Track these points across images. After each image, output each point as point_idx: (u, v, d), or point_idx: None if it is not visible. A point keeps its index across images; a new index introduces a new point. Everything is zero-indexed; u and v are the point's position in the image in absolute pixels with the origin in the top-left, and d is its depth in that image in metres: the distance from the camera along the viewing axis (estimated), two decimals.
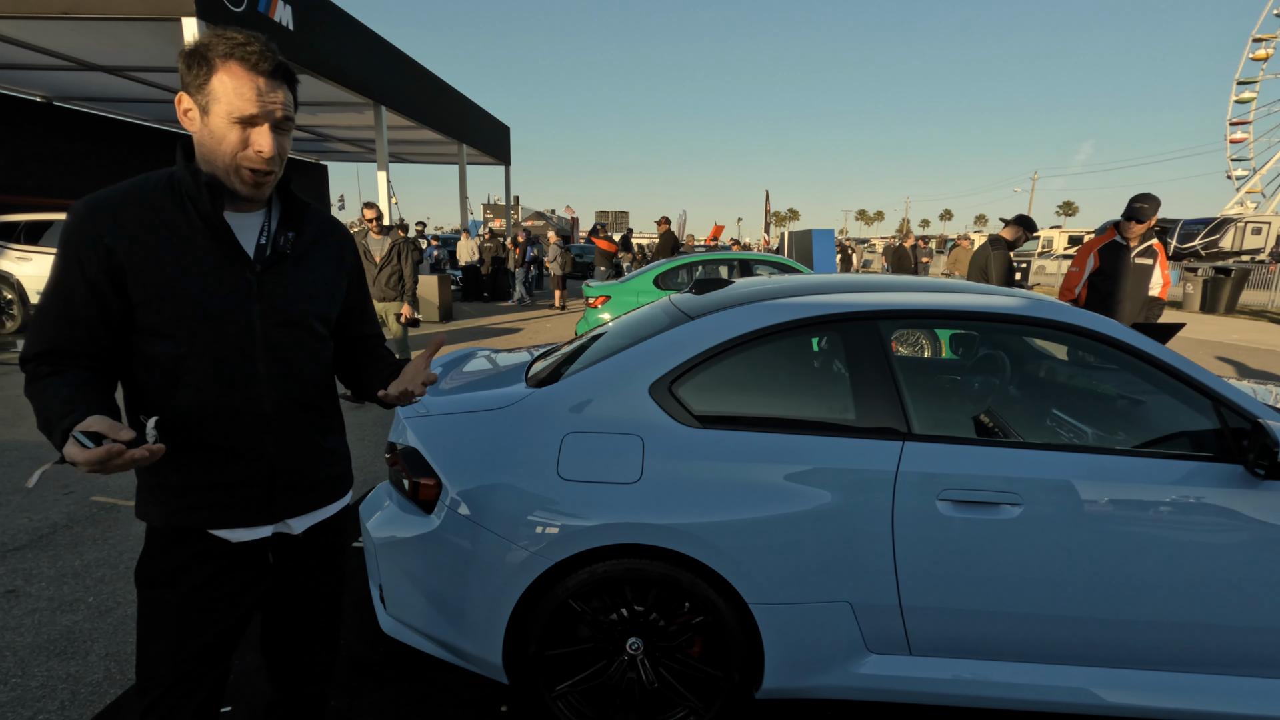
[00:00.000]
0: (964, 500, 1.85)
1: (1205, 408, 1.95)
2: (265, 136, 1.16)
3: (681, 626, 1.96)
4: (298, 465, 1.33)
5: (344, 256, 1.43)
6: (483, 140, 17.40)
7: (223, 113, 1.13)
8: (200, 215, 1.17)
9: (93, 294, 1.13)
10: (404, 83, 12.40)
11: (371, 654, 2.43)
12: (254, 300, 1.23)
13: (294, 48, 8.65)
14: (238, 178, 1.18)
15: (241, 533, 1.28)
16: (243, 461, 1.25)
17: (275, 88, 1.16)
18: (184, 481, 1.22)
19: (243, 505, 1.27)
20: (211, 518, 1.25)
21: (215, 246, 1.19)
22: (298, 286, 1.29)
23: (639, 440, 1.92)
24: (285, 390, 1.28)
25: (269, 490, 1.29)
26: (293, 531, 1.37)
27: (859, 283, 2.41)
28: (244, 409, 1.24)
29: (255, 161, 1.17)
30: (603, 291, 7.54)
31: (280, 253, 1.27)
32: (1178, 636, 1.86)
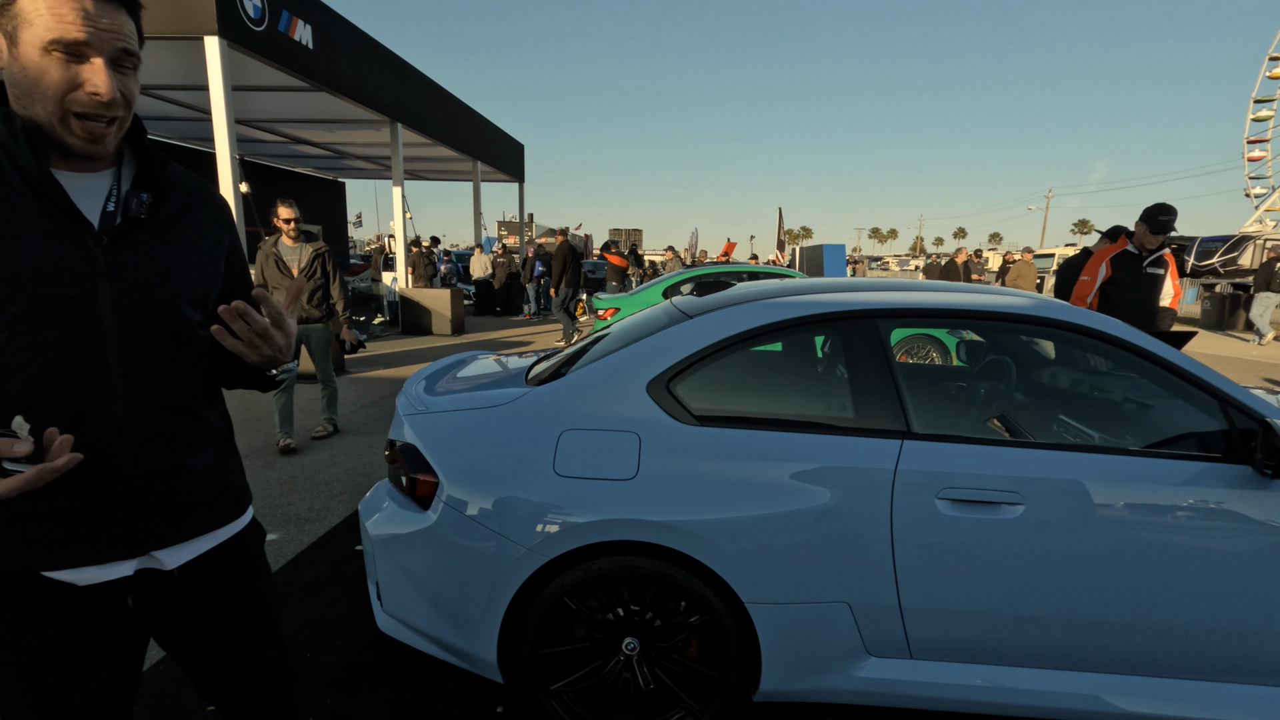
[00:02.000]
0: (964, 500, 1.83)
1: (1212, 408, 1.91)
2: (100, 73, 0.92)
3: (678, 626, 1.94)
4: (165, 484, 1.06)
5: (220, 228, 1.17)
6: (497, 158, 17.64)
7: (36, 40, 0.89)
8: (20, 173, 0.93)
9: None
10: (420, 101, 12.63)
11: (367, 654, 2.43)
12: (101, 279, 0.97)
13: (313, 66, 8.86)
14: (65, 128, 0.94)
15: (90, 572, 1.01)
16: (88, 482, 0.98)
17: (108, 11, 0.92)
18: (11, 512, 0.95)
19: (89, 537, 1.00)
20: (48, 555, 0.98)
21: (45, 212, 0.94)
22: (163, 262, 1.04)
23: (636, 438, 1.92)
24: (145, 391, 1.03)
25: (126, 515, 1.02)
26: (164, 567, 1.09)
27: (859, 284, 2.40)
28: (89, 415, 0.98)
29: (89, 105, 0.92)
30: (612, 304, 7.61)
31: (133, 219, 1.01)
32: (1185, 642, 1.81)
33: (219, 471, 1.16)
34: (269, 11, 7.86)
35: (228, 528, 1.18)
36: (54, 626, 1.00)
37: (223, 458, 1.17)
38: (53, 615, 1.00)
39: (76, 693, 1.02)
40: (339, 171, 20.06)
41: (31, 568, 0.98)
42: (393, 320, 12.95)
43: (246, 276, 1.25)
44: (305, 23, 8.61)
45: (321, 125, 12.50)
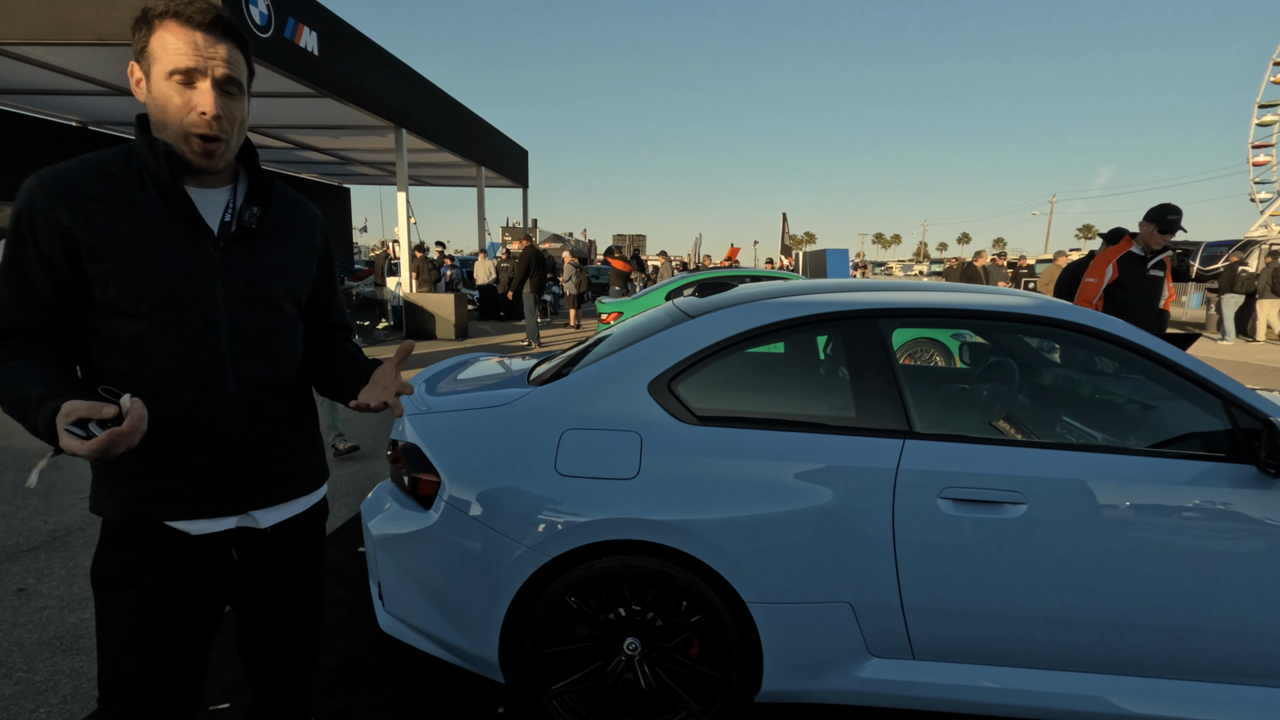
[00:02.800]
0: (966, 499, 1.82)
1: (1215, 407, 1.91)
2: (206, 95, 1.08)
3: (679, 626, 1.94)
4: (263, 453, 1.24)
5: (314, 236, 1.36)
6: (501, 163, 17.71)
7: (161, 73, 1.07)
8: (159, 188, 1.12)
9: (48, 270, 1.08)
10: (424, 106, 12.69)
11: (371, 655, 2.43)
12: (218, 277, 1.16)
13: (318, 73, 8.91)
14: (187, 145, 1.11)
15: (202, 524, 1.19)
16: (204, 445, 1.17)
17: (215, 42, 1.09)
18: (141, 469, 1.14)
19: (204, 494, 1.18)
20: (169, 508, 1.16)
21: (175, 221, 1.13)
22: (266, 264, 1.23)
23: (637, 437, 1.92)
24: (251, 371, 1.21)
25: (232, 478, 1.20)
26: (259, 525, 1.27)
27: (860, 284, 2.41)
28: (206, 390, 1.16)
29: (199, 124, 1.09)
30: (615, 308, 7.62)
31: (246, 228, 1.20)
32: (1188, 642, 1.80)
33: (307, 446, 1.34)
34: (275, 18, 7.92)
35: (309, 496, 1.36)
36: (166, 569, 1.17)
37: (309, 435, 1.36)
38: (167, 559, 1.18)
39: (172, 633, 1.18)
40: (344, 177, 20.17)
41: (155, 517, 1.16)
42: (397, 325, 12.99)
43: (333, 275, 1.45)
44: (311, 30, 8.67)
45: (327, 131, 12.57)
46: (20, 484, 4.06)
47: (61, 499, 3.83)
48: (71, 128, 12.49)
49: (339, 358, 1.41)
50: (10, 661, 2.33)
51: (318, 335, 1.44)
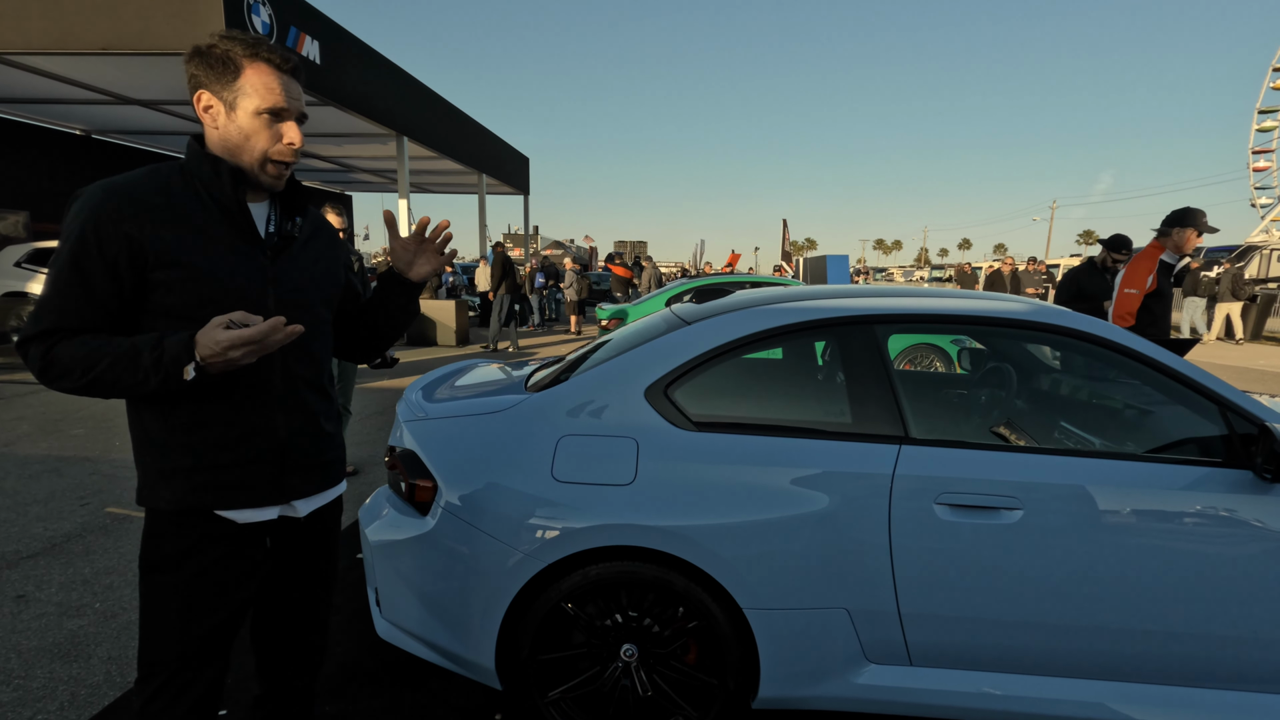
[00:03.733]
0: (962, 504, 1.82)
1: (1211, 413, 1.91)
2: (295, 130, 1.24)
3: (676, 632, 1.94)
4: (305, 445, 1.36)
5: (336, 245, 1.50)
6: (502, 170, 17.78)
7: (251, 108, 1.20)
8: (218, 203, 1.23)
9: (110, 275, 1.15)
10: (425, 114, 12.76)
11: (367, 660, 2.42)
12: (269, 283, 1.28)
13: (320, 81, 8.97)
14: (264, 171, 1.25)
15: (249, 514, 1.30)
16: (255, 439, 1.28)
17: (296, 85, 1.25)
18: (196, 462, 1.24)
19: (253, 485, 1.28)
20: (222, 498, 1.26)
21: (233, 232, 1.25)
22: (304, 270, 1.36)
23: (634, 443, 1.93)
24: (296, 369, 1.33)
25: (280, 469, 1.31)
26: (297, 514, 1.39)
27: (857, 290, 2.41)
28: (257, 387, 1.27)
29: (285, 154, 1.25)
30: (616, 314, 7.63)
31: (287, 237, 1.34)
32: (1185, 648, 1.80)
33: (337, 439, 1.47)
34: (277, 28, 7.98)
35: (338, 486, 1.49)
36: (211, 555, 1.27)
37: (338, 429, 1.48)
38: (213, 546, 1.27)
39: (215, 615, 1.28)
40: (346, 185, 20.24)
41: (211, 507, 1.26)
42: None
43: (356, 285, 1.58)
44: (312, 39, 8.74)
45: (329, 139, 12.64)
46: (20, 491, 4.06)
47: (61, 506, 3.84)
48: (74, 136, 12.57)
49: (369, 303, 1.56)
50: (8, 668, 2.33)
51: (354, 318, 1.57)
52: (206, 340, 1.11)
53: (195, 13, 7.01)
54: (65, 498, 3.96)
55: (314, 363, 1.38)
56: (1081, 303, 5.01)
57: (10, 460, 4.68)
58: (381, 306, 1.53)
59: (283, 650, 1.49)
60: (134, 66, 8.24)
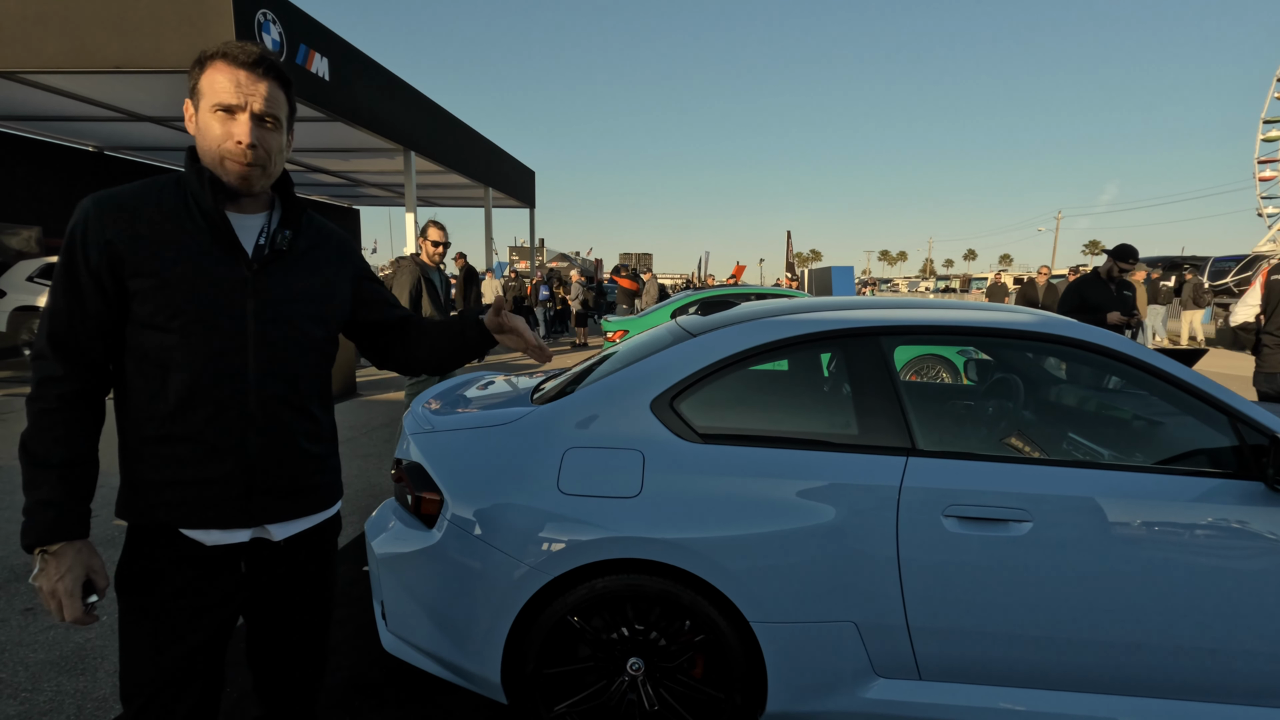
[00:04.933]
0: (971, 517, 1.81)
1: (1222, 424, 1.89)
2: (243, 125, 1.18)
3: (683, 646, 1.93)
4: (280, 468, 1.28)
5: (345, 258, 1.44)
6: (508, 184, 17.91)
7: (206, 106, 1.18)
8: (202, 213, 1.21)
9: (95, 283, 1.16)
10: (432, 129, 12.89)
11: (373, 674, 2.42)
12: (249, 296, 1.23)
13: (329, 97, 9.08)
14: (222, 169, 1.21)
15: (217, 535, 1.24)
16: (223, 457, 1.22)
17: (256, 80, 1.19)
18: (161, 477, 1.21)
19: (218, 504, 1.23)
20: (185, 515, 1.22)
21: (215, 243, 1.22)
22: (294, 286, 1.30)
23: (639, 455, 1.93)
24: (272, 389, 1.26)
25: (247, 490, 1.25)
26: (272, 539, 1.32)
27: (862, 302, 2.42)
28: (228, 404, 1.22)
29: (235, 152, 1.19)
30: (621, 325, 7.65)
31: (277, 250, 1.28)
32: (1199, 662, 1.77)
33: (322, 464, 1.38)
34: (286, 45, 8.09)
35: (323, 513, 1.40)
36: (182, 578, 1.23)
37: (326, 454, 1.39)
38: (183, 568, 1.23)
39: (188, 639, 1.23)
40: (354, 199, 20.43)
41: (170, 523, 1.22)
42: None
43: (378, 284, 1.54)
44: (322, 56, 8.86)
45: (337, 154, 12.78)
46: None
47: None
48: (87, 153, 12.74)
49: (437, 328, 1.51)
50: (15, 681, 2.33)
51: (397, 330, 1.53)
52: (63, 568, 1.14)
53: (206, 31, 7.12)
54: None
55: (292, 381, 1.30)
56: (1086, 314, 4.99)
57: (16, 474, 4.70)
58: (457, 339, 1.49)
59: (278, 674, 1.44)
60: (145, 84, 8.37)
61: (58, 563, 1.13)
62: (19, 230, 11.18)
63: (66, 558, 1.14)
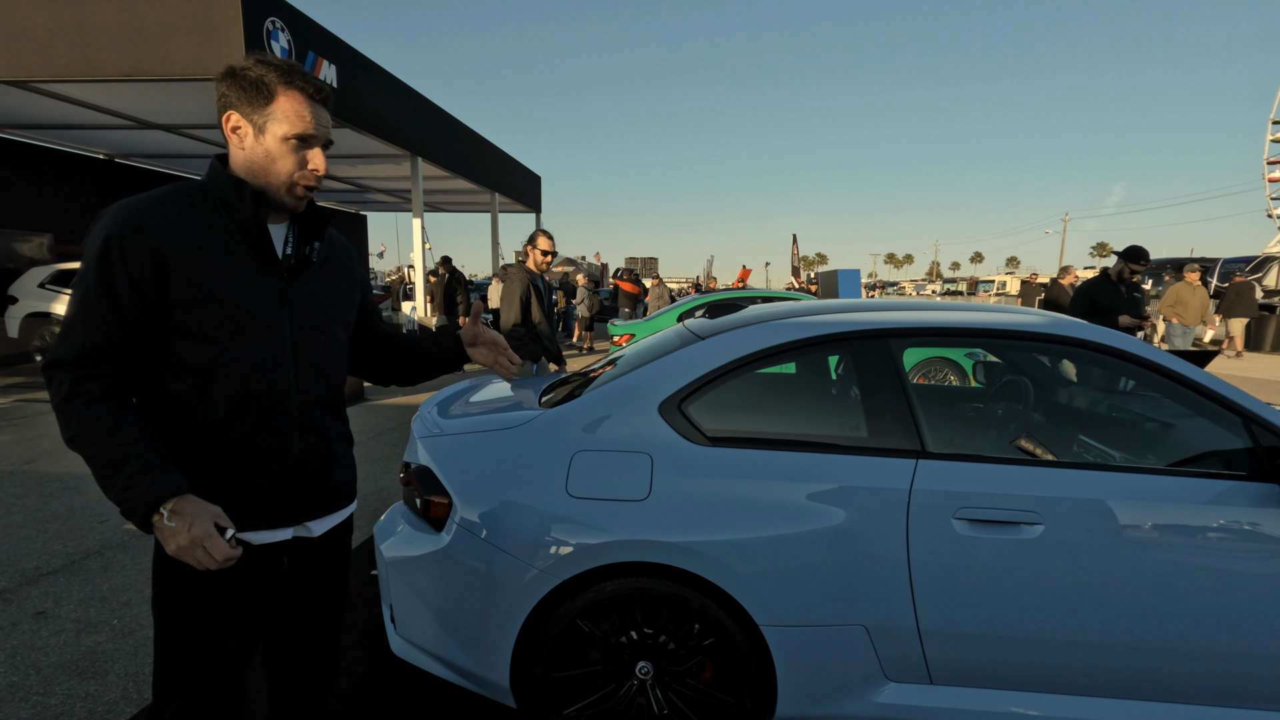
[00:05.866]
0: (982, 519, 1.80)
1: (1235, 425, 1.88)
2: (319, 157, 1.27)
3: (692, 650, 1.92)
4: (319, 466, 1.36)
5: (354, 267, 1.51)
6: (514, 189, 17.96)
7: (280, 133, 1.22)
8: (238, 224, 1.23)
9: (136, 293, 1.15)
10: (439, 134, 12.94)
11: (381, 678, 2.42)
12: (285, 305, 1.29)
13: (337, 103, 9.13)
14: (290, 194, 1.27)
15: (265, 535, 1.30)
16: (271, 460, 1.28)
17: (325, 114, 1.28)
18: (213, 483, 1.24)
19: (269, 506, 1.29)
20: (238, 520, 1.26)
21: (254, 253, 1.25)
22: (321, 294, 1.37)
23: (648, 458, 1.92)
24: (311, 391, 1.33)
25: (294, 490, 1.32)
26: (312, 534, 1.40)
27: (871, 304, 2.41)
28: (274, 408, 1.27)
29: (311, 179, 1.27)
30: (627, 330, 7.65)
31: (304, 260, 1.34)
32: (1213, 667, 1.76)
33: (349, 459, 1.48)
34: (295, 53, 8.16)
35: (349, 507, 1.50)
36: (227, 577, 1.26)
37: (350, 449, 1.49)
38: (231, 570, 1.26)
39: (232, 638, 1.27)
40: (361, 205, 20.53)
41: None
42: None
43: (375, 304, 1.60)
44: (330, 63, 8.92)
45: (345, 160, 12.84)
46: (40, 508, 4.11)
47: (80, 523, 3.88)
48: (98, 160, 12.86)
49: (412, 343, 1.60)
50: (27, 684, 2.34)
51: (378, 344, 1.60)
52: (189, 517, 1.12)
53: (216, 39, 7.18)
54: (84, 515, 4.00)
55: (329, 384, 1.38)
56: (1096, 315, 4.97)
57: (31, 478, 4.74)
58: (431, 355, 1.58)
59: (296, 670, 1.49)
60: (156, 92, 8.45)
61: (182, 516, 1.12)
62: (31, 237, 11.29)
63: (187, 507, 1.13)
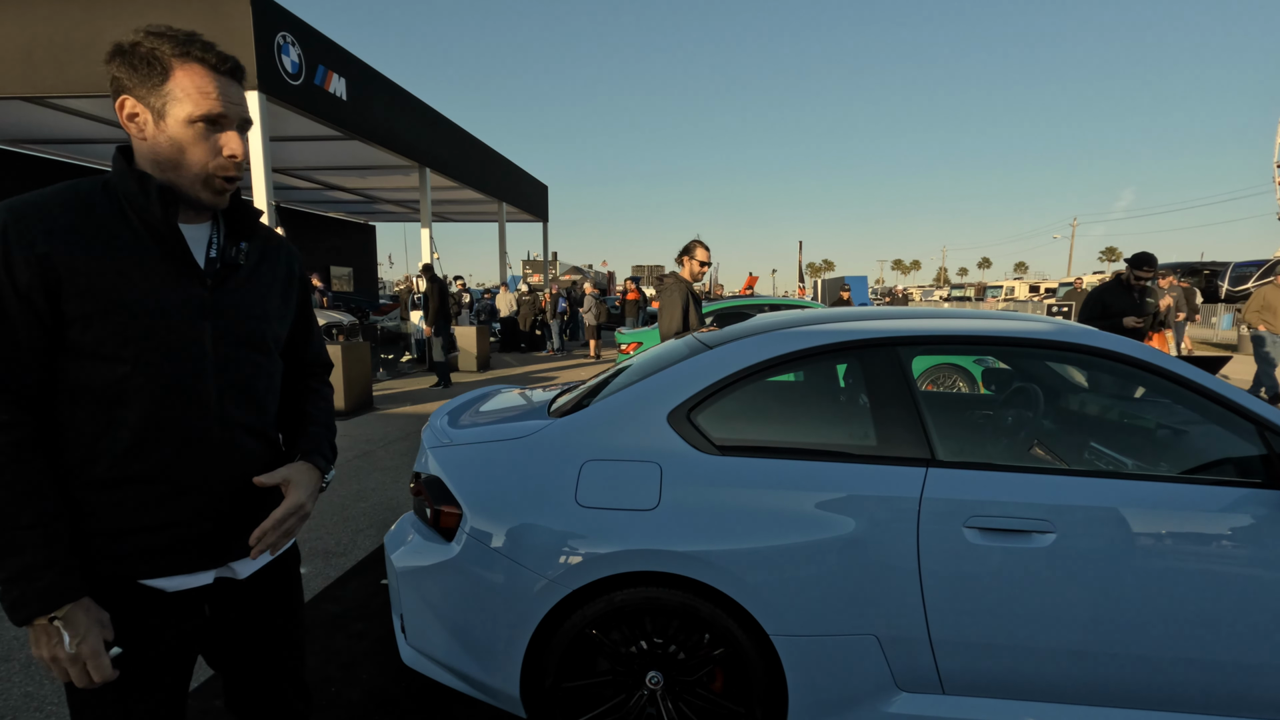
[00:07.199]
0: (993, 528, 1.79)
1: (1249, 432, 1.86)
2: (235, 139, 1.08)
3: (702, 660, 1.92)
4: (245, 499, 1.17)
5: (292, 272, 1.31)
6: (522, 198, 18.07)
7: (183, 116, 1.04)
8: (146, 225, 1.06)
9: (27, 309, 0.98)
10: (447, 146, 13.06)
11: (392, 688, 2.42)
12: (206, 317, 1.10)
13: (347, 116, 9.24)
14: (207, 189, 1.09)
15: (181, 580, 1.12)
16: (189, 496, 1.10)
17: (235, 88, 1.09)
18: (117, 525, 1.06)
19: (185, 548, 1.10)
20: (148, 565, 1.08)
21: (165, 258, 1.07)
22: (251, 303, 1.18)
23: (657, 468, 1.93)
24: (237, 416, 1.15)
25: (218, 528, 1.14)
26: (237, 576, 1.21)
27: (879, 312, 2.41)
28: (192, 436, 1.09)
29: (228, 167, 1.08)
30: (635, 338, 7.66)
31: (231, 265, 1.15)
32: (1228, 677, 1.73)
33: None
34: (305, 67, 8.26)
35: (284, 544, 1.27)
36: (143, 631, 1.09)
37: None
38: (143, 621, 1.09)
39: (153, 694, 1.11)
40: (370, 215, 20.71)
41: (130, 575, 1.07)
42: (420, 358, 13.18)
43: (310, 310, 1.39)
44: (340, 76, 9.03)
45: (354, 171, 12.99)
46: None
47: None
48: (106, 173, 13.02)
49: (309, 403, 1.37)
50: (41, 694, 2.36)
51: (295, 372, 1.38)
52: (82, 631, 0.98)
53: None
54: None
55: (259, 408, 1.20)
56: (1107, 320, 4.95)
57: None
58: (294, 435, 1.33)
59: (261, 716, 1.32)
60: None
61: (74, 628, 0.99)
62: None
63: (82, 618, 1.00)
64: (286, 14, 7.86)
